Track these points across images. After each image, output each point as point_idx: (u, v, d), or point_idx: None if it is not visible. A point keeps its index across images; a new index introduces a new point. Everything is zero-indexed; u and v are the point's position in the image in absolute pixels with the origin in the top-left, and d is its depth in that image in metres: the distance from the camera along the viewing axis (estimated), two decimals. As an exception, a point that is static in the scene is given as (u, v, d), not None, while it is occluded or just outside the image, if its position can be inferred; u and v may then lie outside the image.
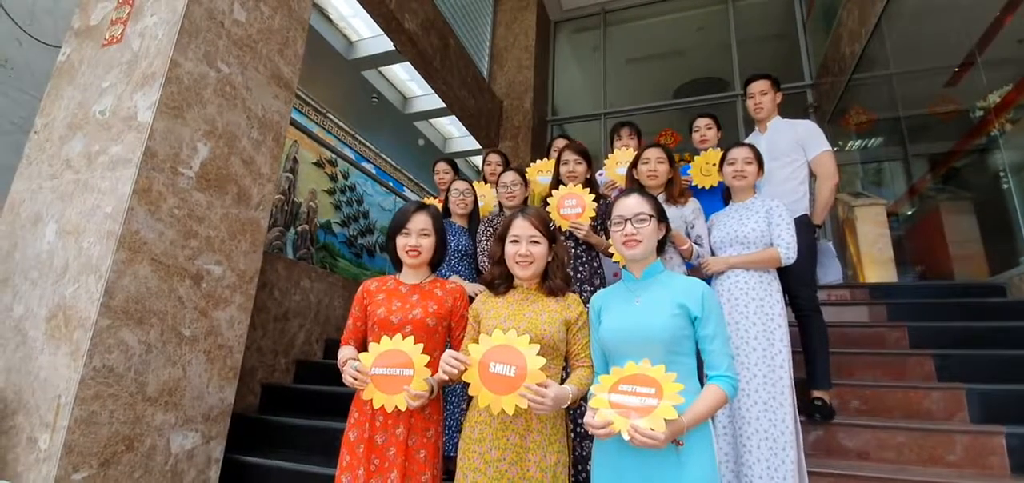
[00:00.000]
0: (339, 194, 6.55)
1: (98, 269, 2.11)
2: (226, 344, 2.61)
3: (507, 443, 1.43)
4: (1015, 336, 2.97)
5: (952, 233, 4.70)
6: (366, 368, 1.56)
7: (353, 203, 6.98)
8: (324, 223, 5.80)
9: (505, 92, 8.91)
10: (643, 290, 1.45)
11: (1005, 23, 3.80)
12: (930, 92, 5.15)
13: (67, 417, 1.94)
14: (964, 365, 2.75)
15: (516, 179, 2.66)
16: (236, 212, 2.69)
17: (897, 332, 3.25)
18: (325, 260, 5.47)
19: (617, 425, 1.24)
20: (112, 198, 2.21)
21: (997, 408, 2.42)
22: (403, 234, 1.77)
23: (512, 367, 1.36)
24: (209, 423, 2.51)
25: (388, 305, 1.72)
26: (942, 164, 5.10)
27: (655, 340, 1.34)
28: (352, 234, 6.73)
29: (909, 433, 2.36)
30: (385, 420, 1.60)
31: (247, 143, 2.78)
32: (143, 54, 2.46)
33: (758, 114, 2.86)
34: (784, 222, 2.08)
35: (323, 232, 5.75)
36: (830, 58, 7.10)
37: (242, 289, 2.71)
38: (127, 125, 2.33)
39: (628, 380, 1.30)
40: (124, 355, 2.13)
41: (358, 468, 1.58)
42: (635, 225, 1.47)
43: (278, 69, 3.01)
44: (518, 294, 1.62)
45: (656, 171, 2.41)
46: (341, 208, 6.52)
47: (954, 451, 2.27)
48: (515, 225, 1.62)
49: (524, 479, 1.41)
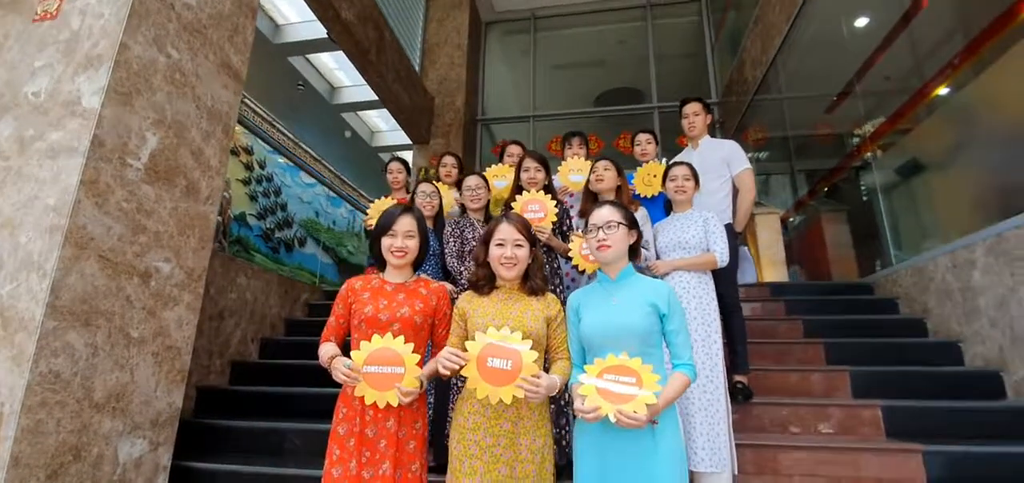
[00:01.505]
0: (255, 184, 6.24)
1: (41, 267, 1.95)
2: (174, 345, 2.49)
3: (500, 430, 1.58)
4: (883, 326, 3.64)
5: (831, 240, 5.53)
6: (358, 366, 1.62)
7: (270, 194, 6.66)
8: (238, 215, 5.50)
9: (437, 89, 8.90)
10: (618, 290, 1.67)
11: (875, 62, 4.56)
12: (814, 117, 6.01)
13: (13, 427, 1.79)
14: (847, 350, 3.33)
15: (480, 183, 2.79)
16: (185, 206, 2.57)
17: (794, 324, 3.82)
18: (239, 255, 5.19)
19: (604, 409, 1.45)
20: (55, 189, 2.05)
21: (873, 385, 2.98)
22: (389, 235, 1.85)
23: (508, 361, 1.52)
24: (157, 429, 2.39)
25: (375, 303, 1.79)
26: (824, 180, 5.96)
27: (632, 334, 1.56)
28: (269, 227, 6.42)
29: (809, 408, 2.84)
30: (375, 415, 1.68)
31: (196, 134, 2.65)
32: (85, 33, 2.28)
33: (691, 132, 3.23)
34: (718, 231, 2.43)
35: (237, 225, 5.46)
36: (735, 79, 7.96)
37: (190, 288, 2.60)
38: (68, 110, 2.16)
39: (611, 370, 1.51)
40: (71, 359, 1.99)
41: (349, 461, 1.65)
42: (606, 232, 1.68)
43: (228, 57, 2.89)
44: (502, 294, 1.77)
45: (602, 177, 2.69)
46: (257, 199, 6.20)
47: (842, 420, 2.76)
48: (500, 229, 1.77)
49: (517, 461, 1.57)
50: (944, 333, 3.35)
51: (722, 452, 2.20)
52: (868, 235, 4.68)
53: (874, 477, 2.40)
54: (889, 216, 4.24)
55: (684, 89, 9.53)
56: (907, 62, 4.18)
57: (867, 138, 4.55)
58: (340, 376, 1.61)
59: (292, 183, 7.27)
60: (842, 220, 5.43)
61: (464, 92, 8.83)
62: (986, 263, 2.97)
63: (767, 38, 6.34)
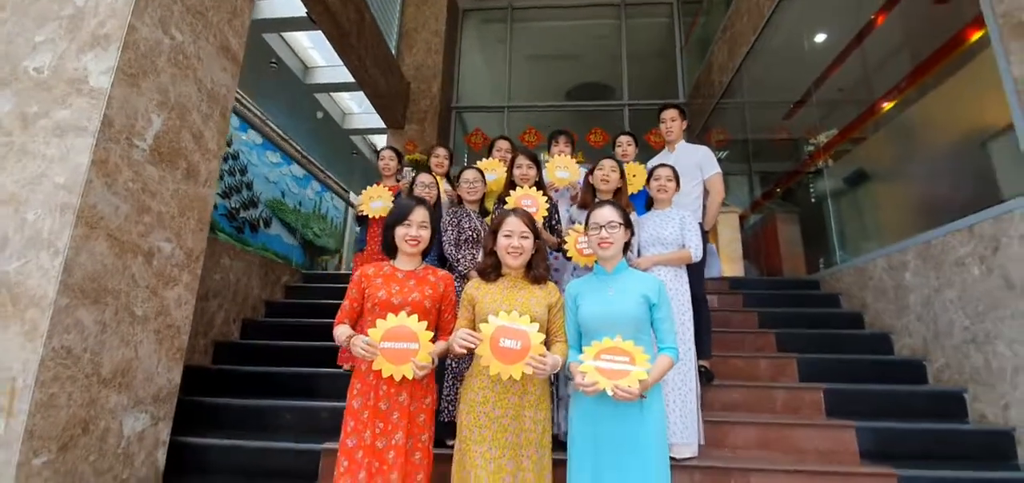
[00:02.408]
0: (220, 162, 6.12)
1: (53, 245, 1.98)
2: (174, 324, 2.55)
3: (508, 403, 1.78)
4: (827, 319, 4.05)
5: (783, 239, 5.98)
6: (376, 342, 1.77)
7: (235, 173, 6.55)
8: (202, 193, 5.42)
9: (413, 74, 8.89)
10: (614, 282, 1.89)
11: (830, 75, 4.97)
12: (772, 123, 6.45)
13: (28, 400, 1.84)
14: (795, 339, 3.71)
15: (477, 176, 2.95)
16: (185, 188, 2.61)
17: (750, 315, 4.19)
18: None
19: (602, 384, 1.66)
20: (64, 168, 2.07)
21: (817, 370, 3.36)
22: (404, 225, 1.99)
23: (518, 342, 1.71)
24: (158, 404, 2.45)
25: (388, 288, 1.94)
26: (779, 183, 6.41)
27: (626, 321, 1.78)
28: (234, 207, 6.34)
29: (760, 390, 3.18)
30: (388, 389, 1.84)
31: (197, 116, 2.69)
32: (90, 11, 2.28)
33: (668, 136, 3.49)
34: (693, 229, 2.69)
35: (201, 204, 5.38)
36: (702, 82, 8.36)
37: (189, 268, 2.65)
38: (75, 88, 2.18)
39: (607, 351, 1.73)
40: (81, 335, 2.04)
41: (364, 431, 1.80)
42: (608, 231, 1.89)
43: (227, 40, 2.92)
44: (507, 282, 1.96)
45: (608, 178, 2.83)
46: (222, 177, 6.10)
47: (788, 401, 3.11)
48: (508, 222, 1.96)
49: (521, 431, 1.77)
50: (879, 326, 3.78)
51: (692, 427, 2.48)
52: (817, 236, 5.13)
53: (814, 449, 2.75)
54: (836, 220, 4.68)
55: (654, 88, 9.94)
56: (858, 75, 4.60)
57: (820, 148, 4.97)
58: (359, 351, 1.75)
59: (258, 162, 7.14)
60: (794, 221, 5.89)
61: (440, 79, 8.86)
62: (916, 266, 3.39)
63: (734, 46, 6.72)
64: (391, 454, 1.75)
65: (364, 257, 3.54)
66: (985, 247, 2.84)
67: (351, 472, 1.72)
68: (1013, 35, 2.74)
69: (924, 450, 2.68)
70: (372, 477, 1.72)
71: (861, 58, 4.52)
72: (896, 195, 4.11)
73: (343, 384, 3.29)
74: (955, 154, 3.36)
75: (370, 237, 3.54)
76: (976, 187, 3.10)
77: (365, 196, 3.50)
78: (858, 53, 4.54)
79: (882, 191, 4.30)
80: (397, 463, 1.74)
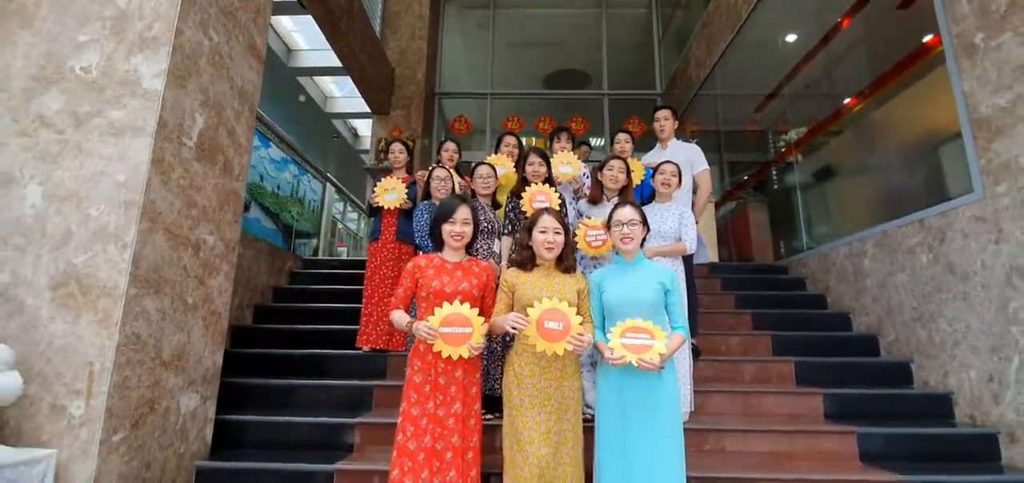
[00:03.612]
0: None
1: (120, 238, 2.13)
2: (217, 310, 2.72)
3: (551, 376, 2.07)
4: (796, 300, 4.52)
5: (754, 227, 6.46)
6: (436, 326, 2.02)
7: None
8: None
9: (397, 60, 8.92)
10: (634, 271, 2.19)
11: (800, 72, 5.40)
12: (745, 118, 6.89)
13: (107, 383, 2.01)
14: (769, 319, 4.15)
15: (490, 172, 3.19)
16: (223, 182, 2.76)
17: (728, 297, 4.62)
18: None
19: (628, 357, 1.97)
20: (123, 166, 2.21)
21: (788, 345, 3.79)
22: (450, 222, 2.23)
23: (560, 323, 1.99)
24: (206, 384, 2.63)
25: (440, 278, 2.18)
26: (752, 175, 6.88)
27: (645, 304, 2.09)
28: None
29: (739, 363, 3.59)
30: (446, 366, 2.09)
31: (231, 114, 2.82)
32: (135, 13, 2.38)
33: (661, 134, 3.82)
34: (690, 223, 3.03)
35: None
36: (679, 74, 8.75)
37: (227, 258, 2.81)
38: (128, 90, 2.30)
39: (631, 329, 2.03)
40: (147, 322, 2.21)
41: (426, 403, 2.06)
42: (629, 228, 2.19)
43: (253, 39, 3.04)
44: (542, 271, 2.23)
45: (618, 178, 3.12)
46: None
47: (762, 372, 3.54)
48: (543, 220, 2.23)
49: (562, 399, 2.07)
50: (840, 306, 4.26)
51: (686, 395, 2.85)
52: (785, 225, 5.61)
53: (786, 413, 3.17)
54: (804, 210, 5.15)
55: (632, 77, 10.30)
56: (824, 75, 5.05)
57: (791, 144, 5.42)
58: (422, 334, 1.99)
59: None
60: (764, 211, 6.37)
61: (425, 65, 8.92)
62: (874, 253, 3.85)
63: (712, 42, 7.10)
64: (451, 421, 2.02)
65: (378, 247, 3.74)
66: (933, 238, 3.30)
67: (417, 436, 1.98)
68: (965, 54, 3.15)
69: (879, 411, 3.14)
70: (436, 440, 1.99)
71: (826, 60, 4.96)
72: (858, 190, 4.58)
73: (350, 364, 3.55)
74: (911, 155, 3.81)
75: (384, 227, 3.73)
76: (928, 185, 3.55)
77: (380, 189, 3.69)
78: (824, 54, 4.97)
79: (846, 186, 4.78)
80: (457, 428, 2.01)
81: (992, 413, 2.87)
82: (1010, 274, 2.77)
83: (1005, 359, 2.79)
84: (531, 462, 1.98)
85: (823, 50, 4.96)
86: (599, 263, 2.90)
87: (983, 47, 3.01)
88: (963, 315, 3.05)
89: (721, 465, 2.67)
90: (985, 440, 2.82)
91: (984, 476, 2.59)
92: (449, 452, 2.00)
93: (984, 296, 2.92)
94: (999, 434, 2.80)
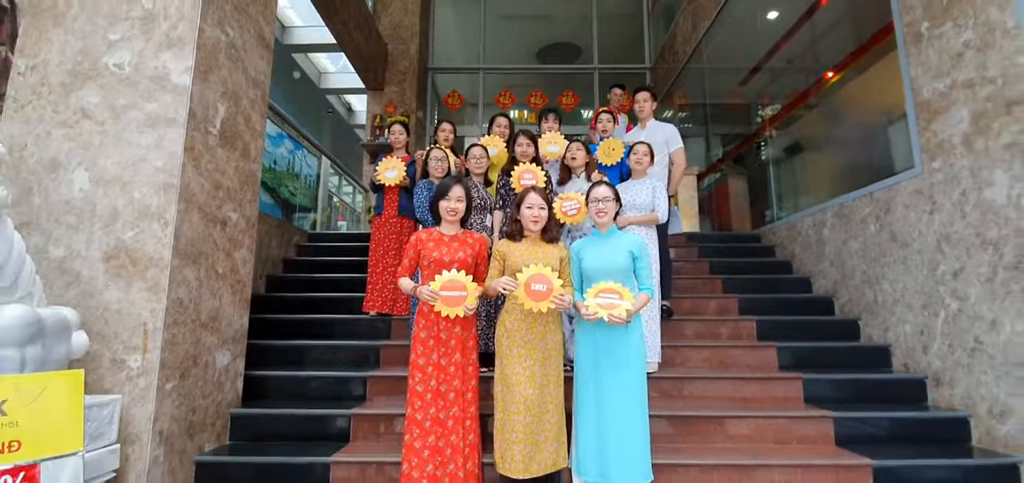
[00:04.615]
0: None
1: (162, 216, 2.45)
2: (242, 279, 3.06)
3: (536, 330, 2.44)
4: (764, 267, 4.93)
5: (733, 198, 6.84)
6: (437, 290, 2.38)
7: None
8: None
9: (390, 35, 9.05)
10: (607, 241, 2.55)
11: (781, 47, 5.69)
12: (728, 93, 7.19)
13: (159, 339, 2.36)
14: (738, 283, 4.56)
15: (482, 153, 3.51)
16: (242, 165, 3.06)
17: (702, 264, 5.02)
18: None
19: (600, 313, 2.35)
20: (160, 154, 2.51)
21: (753, 306, 4.21)
22: (446, 200, 2.57)
23: (544, 285, 2.35)
24: (235, 344, 2.99)
25: (439, 249, 2.53)
26: (732, 149, 7.22)
27: (617, 269, 2.46)
28: None
29: (709, 322, 4.00)
30: (446, 324, 2.46)
31: (247, 102, 3.11)
32: (160, 14, 2.65)
33: (641, 114, 4.14)
34: (662, 196, 3.38)
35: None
36: (667, 49, 8.98)
37: (249, 233, 3.14)
38: (159, 85, 2.58)
39: (604, 291, 2.40)
40: (188, 289, 2.55)
41: (431, 353, 2.44)
42: (603, 204, 2.55)
43: (262, 30, 3.30)
44: (529, 242, 2.59)
45: (576, 156, 3.53)
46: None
47: (735, 330, 3.95)
48: (529, 197, 2.57)
49: (546, 348, 2.45)
50: (803, 271, 4.67)
51: (655, 348, 3.26)
52: (760, 197, 5.99)
53: (746, 364, 3.60)
54: (776, 183, 5.52)
55: (622, 51, 10.49)
56: (799, 52, 5.35)
57: (767, 119, 5.76)
58: (425, 296, 2.36)
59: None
60: (743, 182, 6.74)
61: (417, 40, 9.07)
62: (833, 223, 4.24)
63: (697, 18, 7.34)
64: (452, 368, 2.41)
65: (381, 221, 4.07)
66: (880, 209, 3.68)
67: (424, 381, 2.37)
68: (913, 41, 3.47)
69: (826, 362, 3.57)
70: (440, 384, 2.37)
71: (800, 40, 5.25)
72: (822, 164, 4.94)
73: (358, 326, 3.92)
74: (867, 133, 4.16)
75: (387, 203, 4.06)
76: (879, 161, 3.92)
77: (381, 167, 4.00)
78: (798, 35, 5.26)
79: (812, 160, 5.14)
80: (457, 374, 2.40)
81: (921, 362, 3.30)
82: (940, 241, 3.16)
83: (933, 315, 3.20)
84: (518, 400, 2.37)
85: (797, 31, 5.25)
86: (582, 233, 3.27)
87: (928, 36, 3.34)
88: (902, 277, 3.46)
89: (691, 406, 3.10)
90: (915, 385, 3.26)
91: (910, 412, 3.03)
92: (451, 393, 2.39)
93: (919, 260, 3.32)
94: (927, 379, 3.24)
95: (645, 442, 2.36)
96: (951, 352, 3.07)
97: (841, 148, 4.55)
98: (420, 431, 2.35)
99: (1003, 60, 2.80)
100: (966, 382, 2.97)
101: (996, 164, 2.81)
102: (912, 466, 2.60)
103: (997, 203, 2.80)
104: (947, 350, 3.09)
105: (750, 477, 2.61)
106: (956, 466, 2.63)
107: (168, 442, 2.42)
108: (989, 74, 2.88)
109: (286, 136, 8.88)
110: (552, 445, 2.41)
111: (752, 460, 2.63)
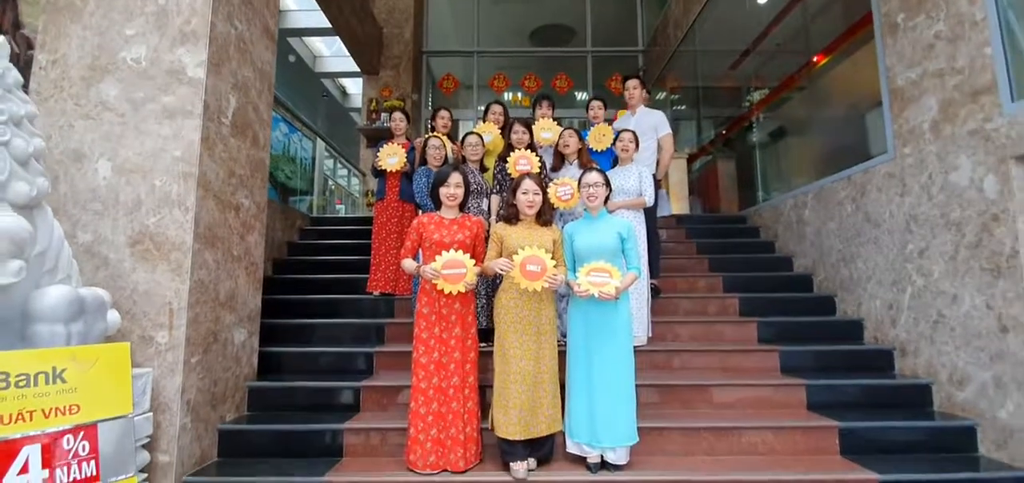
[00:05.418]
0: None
1: (183, 203, 2.63)
2: (255, 261, 3.25)
3: (531, 306, 2.65)
4: (748, 246, 5.16)
5: (722, 180, 7.05)
6: (438, 268, 2.58)
7: None
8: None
9: (385, 19, 9.09)
10: (598, 224, 2.75)
11: (770, 32, 5.85)
12: (718, 80, 7.34)
13: (184, 318, 2.55)
14: (723, 262, 4.79)
15: (478, 140, 3.69)
16: (252, 153, 3.23)
17: (690, 244, 5.24)
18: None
19: (591, 290, 2.56)
20: (178, 144, 2.67)
21: (737, 284, 4.44)
22: (445, 185, 2.75)
23: (538, 266, 2.56)
24: (250, 321, 3.19)
25: (439, 232, 2.72)
26: (721, 133, 7.41)
27: (606, 250, 2.66)
28: None
29: (695, 300, 4.24)
30: (448, 300, 2.67)
31: (255, 93, 3.26)
32: (173, 9, 2.79)
33: (631, 101, 4.31)
34: (649, 181, 3.58)
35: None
36: (659, 33, 9.10)
37: (259, 217, 3.31)
38: (175, 79, 2.73)
39: (595, 270, 2.61)
40: (207, 270, 2.73)
41: (433, 327, 2.65)
42: (594, 189, 2.74)
43: (267, 22, 3.43)
44: (524, 225, 2.78)
45: (568, 143, 3.70)
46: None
47: (720, 307, 4.19)
48: (525, 183, 2.76)
49: (540, 324, 2.66)
50: (785, 251, 4.90)
51: (643, 323, 3.48)
52: (747, 179, 6.20)
53: (730, 338, 3.84)
54: (761, 166, 5.73)
55: (615, 34, 10.57)
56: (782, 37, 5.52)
57: (754, 103, 5.94)
58: (428, 274, 2.56)
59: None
60: (731, 165, 6.94)
61: (412, 23, 9.11)
62: (813, 205, 4.46)
63: (689, 2, 7.46)
64: (452, 341, 2.62)
65: (383, 205, 4.25)
66: (856, 191, 3.89)
67: (428, 353, 2.58)
68: (889, 32, 3.65)
69: (803, 335, 3.82)
70: (442, 356, 2.59)
71: (785, 26, 5.41)
72: (805, 148, 5.15)
73: (361, 305, 4.13)
74: (847, 119, 4.36)
75: (388, 188, 4.23)
76: (857, 146, 4.12)
77: (382, 154, 4.16)
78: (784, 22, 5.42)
79: (795, 144, 5.34)
80: (457, 346, 2.62)
81: (890, 334, 3.55)
82: (909, 221, 3.39)
83: (901, 290, 3.44)
84: (515, 372, 2.59)
85: (785, 16, 5.41)
86: (575, 216, 3.46)
87: (903, 26, 3.52)
88: (874, 256, 3.69)
89: (678, 376, 3.35)
90: (883, 355, 3.51)
91: (877, 380, 3.29)
92: (452, 364, 2.61)
93: (889, 240, 3.54)
94: (894, 350, 3.49)
95: (631, 407, 2.59)
96: (916, 325, 3.31)
97: (823, 133, 4.75)
98: (424, 399, 2.57)
99: (971, 51, 2.99)
100: (929, 352, 3.22)
101: (961, 149, 3.02)
102: (875, 427, 2.86)
103: (961, 185, 3.01)
104: (912, 323, 3.34)
105: (726, 438, 2.85)
106: (917, 427, 2.89)
107: (194, 411, 2.63)
108: (957, 65, 3.07)
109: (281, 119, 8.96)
110: (548, 411, 2.64)
111: (730, 423, 2.88)
